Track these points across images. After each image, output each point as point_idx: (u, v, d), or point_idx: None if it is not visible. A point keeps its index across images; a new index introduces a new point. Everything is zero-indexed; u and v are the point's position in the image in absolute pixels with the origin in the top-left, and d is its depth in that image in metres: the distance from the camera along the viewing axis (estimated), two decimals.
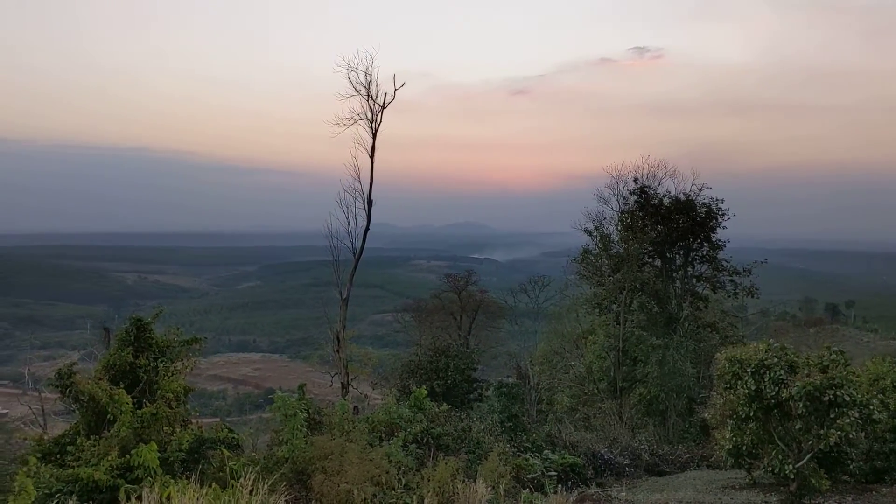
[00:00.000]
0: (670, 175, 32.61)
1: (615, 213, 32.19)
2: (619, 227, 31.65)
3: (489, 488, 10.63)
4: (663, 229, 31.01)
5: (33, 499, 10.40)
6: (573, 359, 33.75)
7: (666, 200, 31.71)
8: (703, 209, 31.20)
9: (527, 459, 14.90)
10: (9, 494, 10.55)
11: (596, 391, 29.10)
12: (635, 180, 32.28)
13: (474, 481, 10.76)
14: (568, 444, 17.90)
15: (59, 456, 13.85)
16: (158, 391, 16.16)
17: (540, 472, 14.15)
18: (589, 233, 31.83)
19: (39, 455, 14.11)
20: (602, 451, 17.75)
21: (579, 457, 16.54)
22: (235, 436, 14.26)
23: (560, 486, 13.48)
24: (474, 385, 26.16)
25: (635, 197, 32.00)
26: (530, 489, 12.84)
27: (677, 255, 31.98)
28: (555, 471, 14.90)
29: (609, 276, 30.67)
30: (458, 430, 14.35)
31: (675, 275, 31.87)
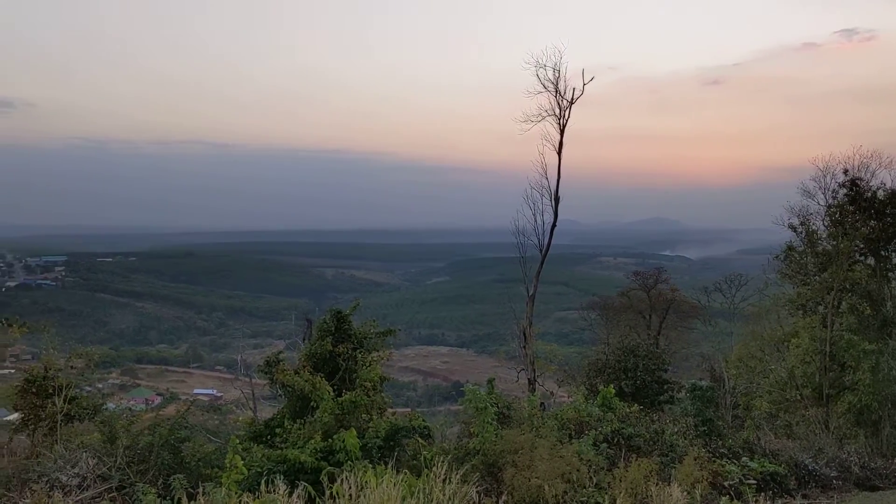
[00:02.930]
0: (885, 166, 29.85)
1: (821, 208, 29.98)
2: (826, 223, 29.47)
3: (684, 493, 10.29)
4: (877, 225, 28.47)
5: (244, 475, 11.29)
6: (773, 362, 31.85)
7: (880, 193, 29.11)
8: None
9: (723, 465, 14.27)
10: (223, 471, 11.53)
11: (799, 397, 27.31)
12: (845, 172, 29.82)
13: (668, 484, 10.46)
14: (768, 451, 16.92)
15: (268, 437, 14.95)
16: (357, 380, 17.02)
17: (738, 480, 13.51)
18: (793, 228, 29.86)
19: (251, 436, 15.32)
20: (806, 461, 16.64)
21: (780, 465, 15.61)
22: (428, 425, 14.74)
23: (761, 494, 12.80)
24: (665, 386, 25.41)
25: (845, 190, 29.57)
26: (730, 496, 12.29)
27: (894, 254, 29.30)
28: (754, 479, 14.17)
29: (815, 275, 28.66)
30: (650, 432, 14.00)
31: (890, 274, 29.22)
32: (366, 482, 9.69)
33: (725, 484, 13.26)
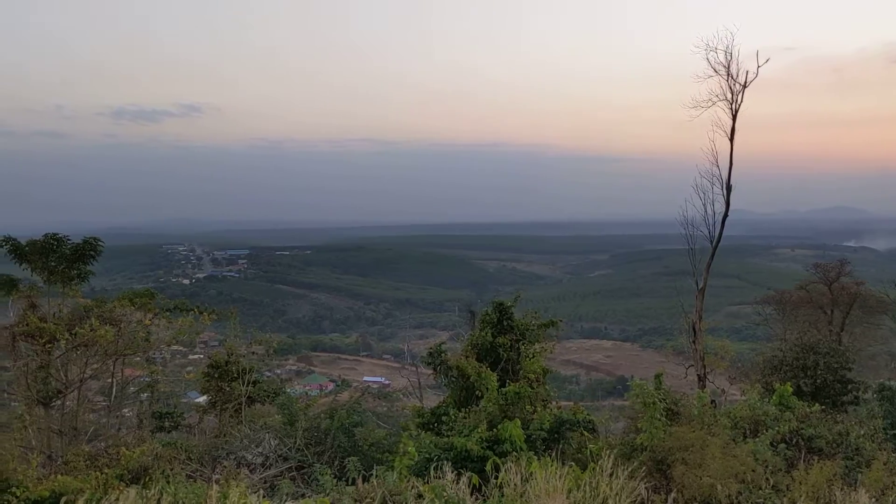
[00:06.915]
0: None
1: None
2: None
3: (873, 499, 9.63)
4: None
5: (415, 460, 11.68)
6: None
7: None
8: None
9: None
10: (395, 455, 11.99)
11: None
12: None
13: (855, 489, 9.82)
14: None
15: (435, 425, 15.38)
16: (520, 371, 17.18)
17: None
18: None
19: (419, 423, 15.82)
20: None
21: None
22: (592, 419, 14.62)
23: None
24: (849, 386, 23.79)
25: None
26: None
27: None
28: None
29: None
30: (832, 433, 13.15)
31: None
32: (531, 473, 9.77)
33: None
